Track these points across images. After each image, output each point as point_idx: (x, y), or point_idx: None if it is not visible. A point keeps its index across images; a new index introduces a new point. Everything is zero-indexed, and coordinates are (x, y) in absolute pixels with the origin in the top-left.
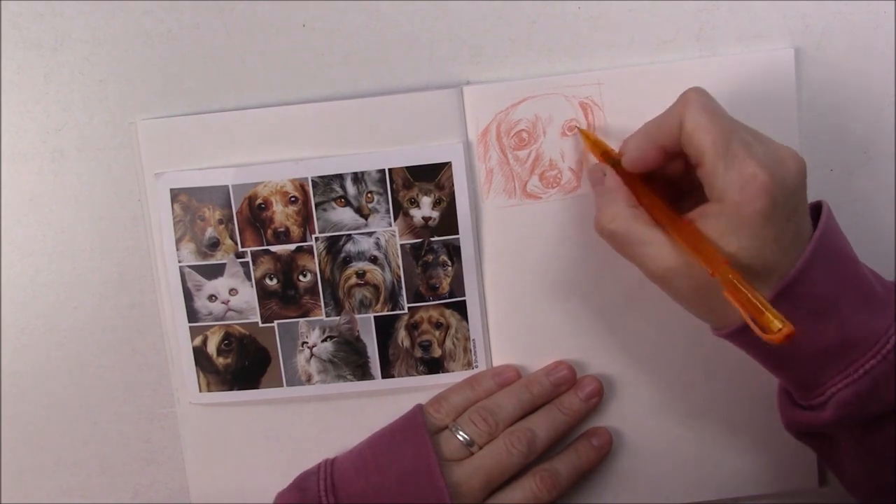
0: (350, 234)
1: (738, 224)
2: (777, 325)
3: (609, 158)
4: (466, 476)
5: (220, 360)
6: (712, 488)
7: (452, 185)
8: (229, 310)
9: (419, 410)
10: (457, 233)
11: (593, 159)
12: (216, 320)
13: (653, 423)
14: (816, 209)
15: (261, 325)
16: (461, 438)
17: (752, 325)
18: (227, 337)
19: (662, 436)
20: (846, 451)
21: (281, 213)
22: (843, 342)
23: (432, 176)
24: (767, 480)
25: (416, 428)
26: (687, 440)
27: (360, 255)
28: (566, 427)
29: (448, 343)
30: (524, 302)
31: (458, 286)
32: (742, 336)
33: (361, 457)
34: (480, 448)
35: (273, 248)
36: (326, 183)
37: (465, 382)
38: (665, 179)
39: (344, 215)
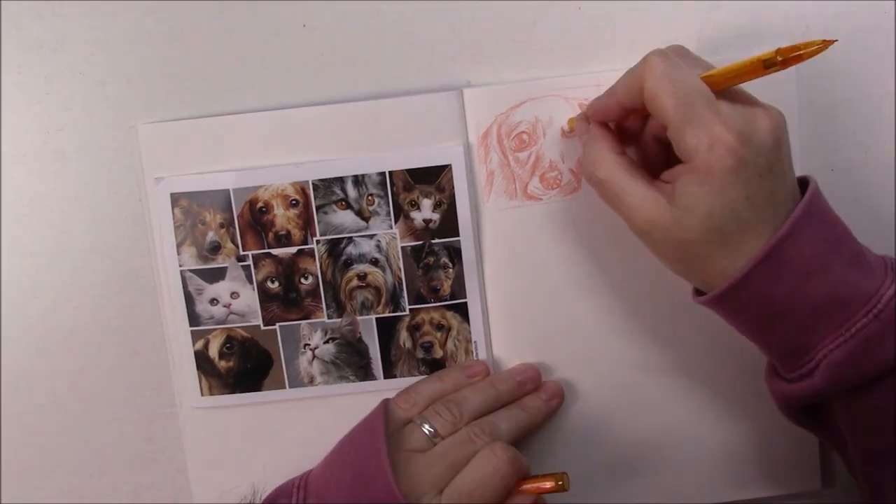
0: (351, 237)
1: (708, 183)
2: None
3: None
4: (427, 465)
5: (223, 364)
6: (715, 491)
7: (453, 187)
8: (231, 313)
9: (383, 405)
10: (457, 235)
11: (566, 127)
12: (218, 324)
13: (655, 425)
14: (802, 183)
15: (263, 327)
16: (426, 430)
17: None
18: (229, 340)
19: (666, 439)
20: (842, 423)
21: (282, 217)
22: (835, 301)
23: (433, 178)
24: (770, 482)
25: (373, 420)
26: (690, 443)
27: (362, 258)
28: (528, 424)
29: (449, 344)
30: (525, 303)
31: (459, 288)
32: (726, 301)
33: (331, 453)
34: (444, 439)
35: (274, 252)
36: (327, 186)
37: (435, 376)
38: (656, 140)
39: (345, 218)
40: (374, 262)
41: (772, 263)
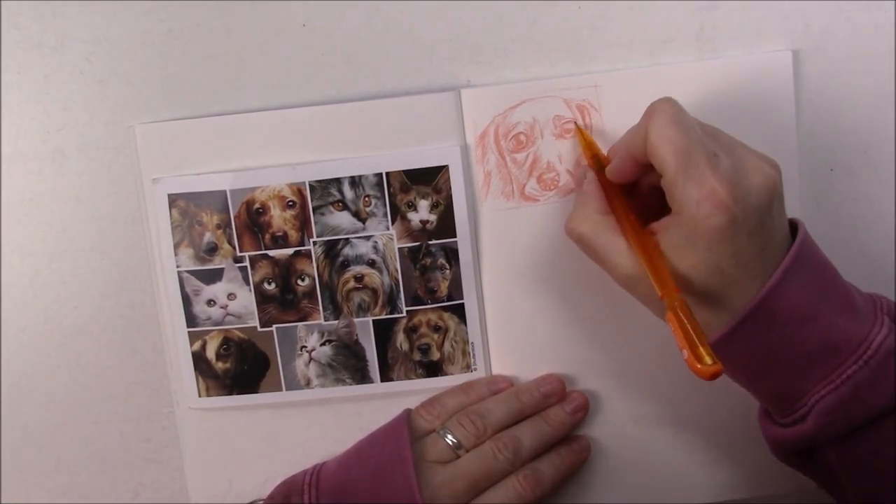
0: (348, 238)
1: (695, 238)
2: (708, 361)
3: (597, 162)
4: (450, 478)
5: (220, 365)
6: (710, 491)
7: (450, 188)
8: (228, 314)
9: (406, 413)
10: (455, 236)
11: (583, 160)
12: (215, 325)
13: (650, 424)
14: (790, 226)
15: (259, 329)
16: (449, 441)
17: (687, 354)
18: (226, 342)
19: (660, 438)
20: (835, 467)
21: (279, 218)
22: (825, 348)
23: (430, 179)
24: (767, 482)
25: (397, 427)
26: (684, 443)
27: (358, 259)
28: (551, 438)
29: (447, 346)
30: (523, 304)
31: (456, 289)
32: (715, 351)
33: (347, 455)
34: (467, 451)
35: (271, 253)
36: (324, 187)
37: (460, 388)
38: (652, 190)
39: (342, 219)
40: (371, 264)
41: (761, 316)
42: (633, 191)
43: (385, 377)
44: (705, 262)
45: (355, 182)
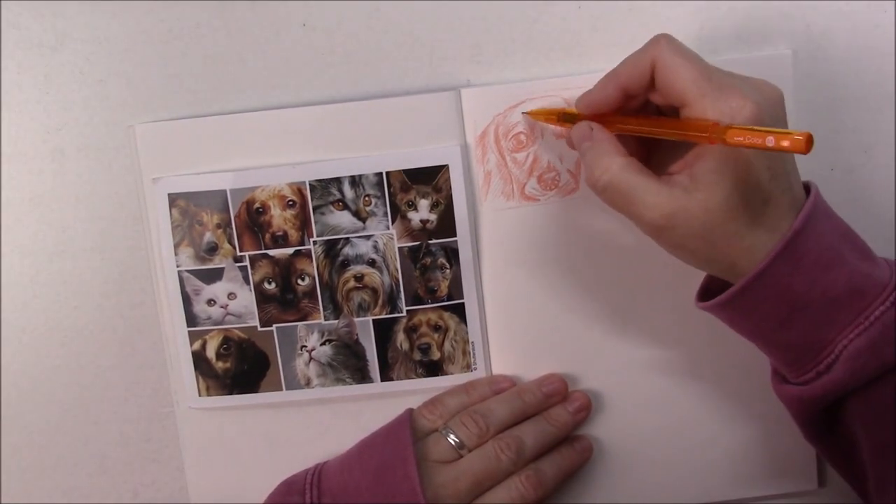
0: (348, 238)
1: (733, 157)
2: (796, 135)
3: (569, 118)
4: (453, 478)
5: (220, 365)
6: (712, 490)
7: (450, 187)
8: (228, 314)
9: (408, 413)
10: (455, 235)
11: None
12: (215, 325)
13: (651, 424)
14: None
15: (259, 329)
16: (452, 441)
17: (782, 139)
18: (226, 341)
19: (662, 438)
20: (857, 420)
21: (279, 217)
22: (851, 291)
23: (430, 179)
24: (767, 482)
25: (400, 427)
26: (687, 443)
27: (359, 259)
28: (554, 438)
29: (447, 346)
30: (523, 304)
31: (456, 289)
32: (745, 297)
33: (349, 455)
34: (470, 451)
35: (271, 252)
36: (324, 186)
37: (462, 388)
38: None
39: (342, 219)
40: (371, 263)
41: (791, 257)
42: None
43: (385, 377)
44: (746, 179)
45: (355, 181)
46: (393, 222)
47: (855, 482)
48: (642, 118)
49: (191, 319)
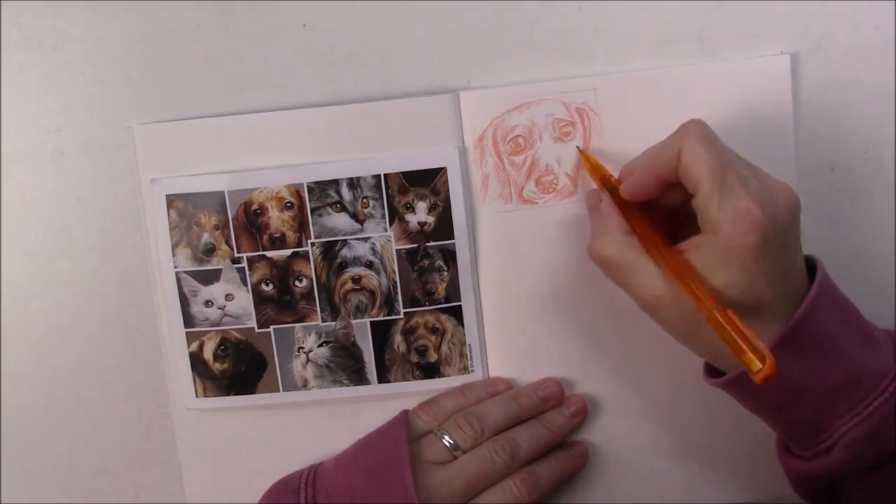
0: (346, 240)
1: (729, 257)
2: (757, 365)
3: (607, 183)
4: (447, 479)
5: (217, 366)
6: (709, 493)
7: (448, 190)
8: (225, 315)
9: (404, 414)
10: (452, 238)
11: (592, 183)
12: (212, 326)
13: (647, 427)
14: (808, 263)
15: (257, 330)
16: (446, 443)
17: (740, 360)
18: (224, 342)
19: (658, 441)
20: (856, 501)
21: (276, 219)
22: (850, 381)
23: (428, 181)
24: (763, 486)
25: (395, 428)
26: (683, 446)
27: (356, 261)
28: (549, 441)
29: (444, 348)
30: (520, 307)
31: (453, 291)
32: (742, 383)
33: (344, 455)
34: (464, 453)
35: (269, 254)
36: (322, 188)
37: (458, 390)
38: (663, 209)
39: (339, 221)
40: (369, 265)
41: (790, 345)
42: (647, 212)
43: (382, 378)
44: (738, 281)
45: (353, 183)
46: (391, 224)
47: None
48: (655, 238)
49: (188, 320)
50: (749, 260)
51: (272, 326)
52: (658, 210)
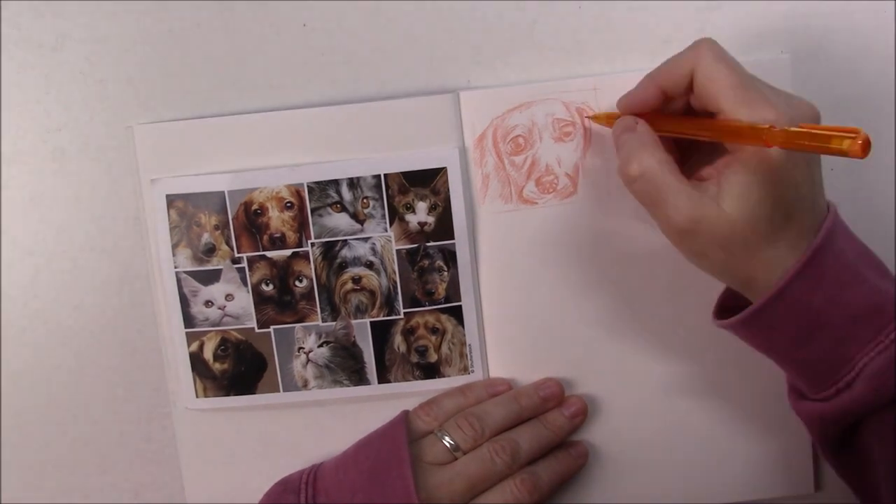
0: (346, 240)
1: (762, 170)
2: (849, 141)
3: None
4: (447, 479)
5: (217, 366)
6: (708, 493)
7: (448, 190)
8: (225, 315)
9: (404, 414)
10: (453, 238)
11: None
12: (212, 326)
13: (647, 427)
14: None
15: (257, 330)
16: (447, 444)
17: (829, 149)
18: (224, 342)
19: (658, 441)
20: (875, 438)
21: (277, 219)
22: (871, 309)
23: (428, 181)
24: (763, 486)
25: (395, 428)
26: (682, 446)
27: (356, 261)
28: (549, 442)
29: (444, 348)
30: (520, 307)
31: (454, 291)
32: (765, 314)
33: (344, 455)
34: (465, 454)
35: (269, 254)
36: (322, 188)
37: (458, 390)
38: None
39: (340, 221)
40: (369, 266)
41: (811, 271)
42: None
43: (382, 379)
44: (772, 193)
45: (354, 183)
46: (391, 224)
47: (865, 498)
48: (688, 119)
49: (188, 320)
50: (782, 169)
51: (272, 326)
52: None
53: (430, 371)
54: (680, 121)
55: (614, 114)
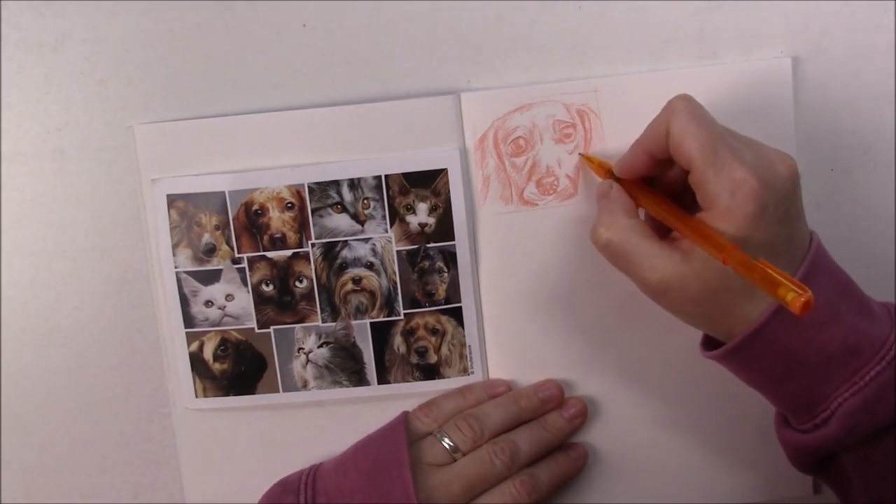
0: (346, 241)
1: (730, 229)
2: (791, 295)
3: (612, 175)
4: (446, 480)
5: (217, 366)
6: (707, 496)
7: (449, 191)
8: (225, 315)
9: (403, 415)
10: (453, 239)
11: (593, 185)
12: (212, 326)
13: (645, 428)
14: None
15: (257, 330)
16: (446, 445)
17: (775, 295)
18: (224, 343)
19: (657, 442)
20: (853, 472)
21: (277, 220)
22: (847, 350)
23: (429, 182)
24: (761, 489)
25: (395, 429)
26: (682, 447)
27: (357, 262)
28: (549, 444)
29: (444, 349)
30: (520, 308)
31: (454, 292)
32: (742, 352)
33: (344, 456)
34: (464, 455)
35: (269, 254)
36: (323, 189)
37: (457, 391)
38: (670, 187)
39: (340, 221)
40: (370, 266)
41: (784, 317)
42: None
43: (382, 380)
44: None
45: (354, 184)
46: (391, 225)
47: None
48: (665, 203)
49: (188, 320)
50: (750, 230)
51: (272, 327)
52: (666, 190)
53: (430, 372)
54: (658, 202)
55: (605, 164)
